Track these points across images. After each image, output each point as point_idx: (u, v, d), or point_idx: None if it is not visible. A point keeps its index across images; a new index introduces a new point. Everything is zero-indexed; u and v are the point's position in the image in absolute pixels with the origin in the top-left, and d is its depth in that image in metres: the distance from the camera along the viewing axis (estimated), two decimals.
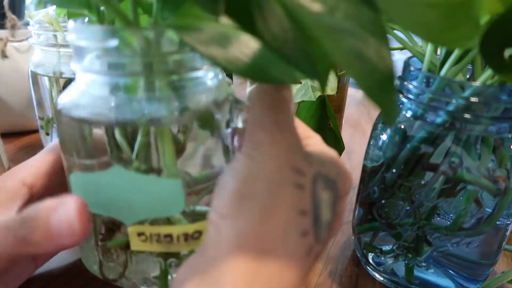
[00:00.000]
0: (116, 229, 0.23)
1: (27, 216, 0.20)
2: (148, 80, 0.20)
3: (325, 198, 0.17)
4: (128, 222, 0.21)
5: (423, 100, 0.25)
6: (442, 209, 0.26)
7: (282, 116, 0.18)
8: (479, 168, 0.24)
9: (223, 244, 0.15)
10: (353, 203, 0.41)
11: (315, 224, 0.17)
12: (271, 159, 0.17)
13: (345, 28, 0.13)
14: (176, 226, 0.21)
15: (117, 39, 0.19)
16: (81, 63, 0.20)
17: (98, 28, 0.19)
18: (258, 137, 0.17)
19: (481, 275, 0.28)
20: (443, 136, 0.25)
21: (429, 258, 0.28)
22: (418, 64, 0.27)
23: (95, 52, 0.19)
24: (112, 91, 0.20)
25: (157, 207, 0.21)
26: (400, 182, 0.26)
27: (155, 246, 0.22)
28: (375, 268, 0.30)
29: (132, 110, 0.20)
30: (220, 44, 0.16)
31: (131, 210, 0.21)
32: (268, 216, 0.16)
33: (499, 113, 0.23)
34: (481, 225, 0.26)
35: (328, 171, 0.18)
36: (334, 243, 0.35)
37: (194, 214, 0.22)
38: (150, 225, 0.21)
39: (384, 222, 0.28)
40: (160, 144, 0.20)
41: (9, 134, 0.51)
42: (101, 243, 0.23)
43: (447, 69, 0.24)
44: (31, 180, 0.24)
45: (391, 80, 0.13)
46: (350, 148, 0.54)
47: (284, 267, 0.15)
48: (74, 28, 0.20)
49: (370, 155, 0.29)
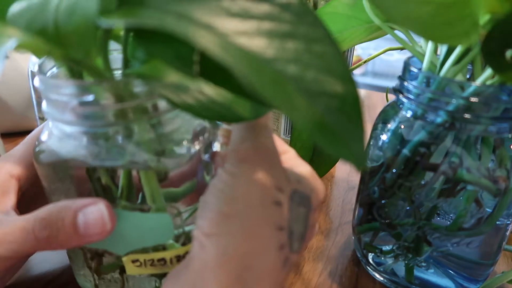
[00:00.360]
0: (104, 253, 0.23)
1: (48, 217, 0.20)
2: (126, 127, 0.20)
3: (300, 213, 0.18)
4: (122, 253, 0.22)
5: (423, 100, 0.25)
6: (442, 209, 0.26)
7: (263, 133, 0.19)
8: (479, 168, 0.24)
9: (207, 260, 0.16)
10: (353, 203, 0.41)
11: (290, 237, 0.18)
12: (253, 177, 0.17)
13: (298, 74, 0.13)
14: (168, 251, 0.22)
15: (92, 94, 0.19)
16: (53, 111, 0.20)
17: (70, 84, 0.19)
18: (241, 154, 0.18)
19: (481, 275, 0.28)
20: (443, 136, 0.25)
21: (429, 258, 0.28)
22: (418, 64, 0.27)
23: (68, 104, 0.19)
24: (89, 139, 0.20)
25: (148, 239, 0.22)
26: (400, 182, 0.26)
27: (150, 269, 0.22)
28: (375, 268, 0.30)
29: (112, 156, 0.20)
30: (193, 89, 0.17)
31: (124, 243, 0.22)
32: (249, 235, 0.16)
33: (499, 113, 0.23)
34: (481, 225, 0.26)
35: (303, 188, 0.19)
36: (334, 243, 0.35)
37: (184, 235, 0.23)
38: (144, 253, 0.22)
39: (384, 222, 0.28)
40: (145, 184, 0.20)
41: (9, 134, 0.51)
42: (95, 266, 0.24)
43: (447, 69, 0.24)
44: (17, 171, 0.24)
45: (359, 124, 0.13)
46: None
47: (263, 279, 0.16)
48: (43, 82, 0.20)
49: (370, 155, 0.29)
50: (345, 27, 0.29)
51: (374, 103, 0.75)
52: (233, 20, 0.13)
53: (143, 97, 0.19)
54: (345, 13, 0.29)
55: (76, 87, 0.19)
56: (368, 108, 0.72)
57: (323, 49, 0.13)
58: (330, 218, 0.39)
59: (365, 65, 2.18)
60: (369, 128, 0.30)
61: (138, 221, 0.21)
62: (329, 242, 0.35)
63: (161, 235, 0.22)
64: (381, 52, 0.38)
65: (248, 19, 0.13)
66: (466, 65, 0.24)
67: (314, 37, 0.13)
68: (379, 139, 0.28)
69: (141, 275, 0.23)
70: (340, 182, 0.46)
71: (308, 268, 0.32)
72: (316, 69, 0.13)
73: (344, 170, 0.49)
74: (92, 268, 0.24)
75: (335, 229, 0.37)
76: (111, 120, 0.19)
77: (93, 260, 0.23)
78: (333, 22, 0.29)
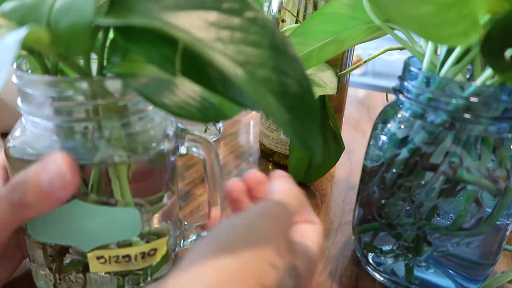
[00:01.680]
0: (66, 251, 0.24)
1: (16, 182, 0.20)
2: (98, 124, 0.21)
3: (287, 284, 0.18)
4: (88, 249, 0.22)
5: (423, 100, 0.25)
6: (442, 209, 0.26)
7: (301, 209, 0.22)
8: (479, 168, 0.24)
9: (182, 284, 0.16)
10: (353, 203, 0.41)
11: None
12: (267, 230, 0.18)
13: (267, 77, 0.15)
14: (134, 247, 0.23)
15: (70, 90, 0.20)
16: (28, 106, 0.21)
17: (47, 78, 0.20)
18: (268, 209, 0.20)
19: (481, 275, 0.28)
20: (443, 136, 0.25)
21: (429, 258, 0.28)
22: (418, 64, 0.27)
23: (44, 99, 0.20)
24: (62, 134, 0.21)
25: (116, 234, 0.22)
26: (400, 182, 0.26)
27: (114, 266, 0.23)
28: (375, 268, 0.30)
29: (84, 153, 0.21)
30: (168, 89, 0.19)
31: (91, 238, 0.22)
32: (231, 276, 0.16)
33: (499, 113, 0.23)
34: (481, 225, 0.26)
35: (300, 263, 0.20)
36: (334, 243, 0.35)
37: (148, 233, 0.24)
38: (109, 249, 0.23)
39: (384, 222, 0.28)
40: (114, 180, 0.21)
41: None
42: (55, 266, 0.24)
43: (447, 69, 0.24)
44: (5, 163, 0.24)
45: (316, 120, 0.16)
46: (350, 148, 0.54)
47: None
48: (19, 75, 0.20)
49: (370, 155, 0.29)
50: (345, 27, 0.29)
51: (374, 103, 0.75)
52: (211, 29, 0.15)
53: (117, 96, 0.20)
54: (345, 13, 0.29)
55: (55, 82, 0.20)
56: (368, 108, 0.72)
57: (284, 56, 0.16)
58: (330, 218, 0.39)
59: (365, 65, 2.18)
60: (369, 128, 0.30)
61: (107, 215, 0.22)
62: (329, 242, 0.35)
63: (129, 230, 0.22)
64: (381, 52, 0.38)
65: (223, 29, 0.15)
66: (466, 65, 0.24)
67: (276, 46, 0.16)
68: (379, 139, 0.28)
69: (105, 274, 0.24)
70: (340, 182, 0.46)
71: None
72: (279, 73, 0.15)
73: (344, 170, 0.49)
74: (53, 268, 0.24)
75: (335, 229, 0.37)
76: (85, 116, 0.20)
77: (55, 259, 0.24)
78: (333, 22, 0.29)
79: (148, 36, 0.16)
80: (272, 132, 0.47)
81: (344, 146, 0.41)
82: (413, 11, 0.18)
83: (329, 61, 0.38)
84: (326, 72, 0.39)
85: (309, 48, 0.30)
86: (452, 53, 0.24)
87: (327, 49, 0.31)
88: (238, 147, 0.54)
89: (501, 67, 0.21)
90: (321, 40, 0.30)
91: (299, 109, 0.15)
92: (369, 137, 0.29)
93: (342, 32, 0.30)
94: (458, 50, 0.23)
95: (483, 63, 0.24)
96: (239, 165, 0.49)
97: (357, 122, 0.65)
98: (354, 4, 0.28)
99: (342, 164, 0.50)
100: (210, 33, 0.15)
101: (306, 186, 0.44)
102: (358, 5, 0.28)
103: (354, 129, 0.62)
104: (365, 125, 0.64)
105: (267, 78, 0.15)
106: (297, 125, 0.15)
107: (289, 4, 0.41)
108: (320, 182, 0.46)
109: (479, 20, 0.20)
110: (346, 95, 0.47)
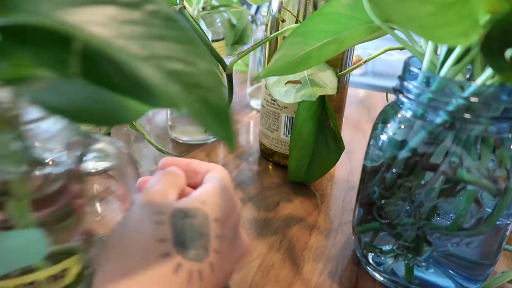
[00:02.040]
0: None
1: None
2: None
3: (186, 224, 0.21)
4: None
5: (423, 100, 0.25)
6: (442, 209, 0.26)
7: None
8: (479, 168, 0.24)
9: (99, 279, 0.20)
10: (353, 203, 0.41)
11: (179, 246, 0.21)
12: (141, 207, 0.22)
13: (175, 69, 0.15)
14: (40, 272, 0.21)
15: None
16: None
17: None
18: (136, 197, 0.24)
19: (481, 275, 0.28)
20: (443, 136, 0.25)
21: (429, 258, 0.28)
22: (418, 64, 0.27)
23: None
24: None
25: (18, 259, 0.20)
26: (400, 182, 0.26)
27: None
28: (375, 268, 0.30)
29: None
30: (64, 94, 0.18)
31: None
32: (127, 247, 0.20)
33: (499, 113, 0.23)
34: (481, 225, 0.26)
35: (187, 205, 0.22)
36: (334, 243, 0.35)
37: (56, 253, 0.22)
38: (10, 278, 0.20)
39: (384, 222, 0.28)
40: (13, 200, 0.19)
41: None
42: None
43: (447, 69, 0.24)
44: None
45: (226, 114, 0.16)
46: (350, 148, 0.54)
47: (146, 281, 0.19)
48: None
49: (370, 155, 0.29)
50: (345, 27, 0.29)
51: (374, 103, 0.75)
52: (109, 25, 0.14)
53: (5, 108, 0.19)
54: (345, 13, 0.29)
55: None
56: (368, 108, 0.72)
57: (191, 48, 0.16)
58: (330, 218, 0.39)
59: (365, 65, 2.18)
60: (369, 128, 0.30)
61: (7, 241, 0.20)
62: (329, 242, 0.35)
63: (33, 254, 0.20)
64: (381, 52, 0.38)
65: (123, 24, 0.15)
66: (466, 65, 0.24)
67: (182, 39, 0.15)
68: (379, 139, 0.28)
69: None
70: (340, 182, 0.46)
71: (308, 268, 0.32)
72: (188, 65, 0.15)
73: (344, 170, 0.49)
74: None
75: (335, 229, 0.37)
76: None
77: None
78: (333, 22, 0.29)
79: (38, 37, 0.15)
80: (272, 132, 0.47)
81: (344, 146, 0.41)
82: (413, 11, 0.18)
83: (329, 61, 0.38)
84: (326, 72, 0.39)
85: (309, 48, 0.30)
86: (452, 53, 0.24)
87: (327, 49, 0.31)
88: (238, 147, 0.54)
89: (501, 67, 0.21)
90: (321, 40, 0.30)
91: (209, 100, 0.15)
92: (369, 137, 0.29)
93: (342, 32, 0.30)
94: (458, 50, 0.23)
95: (483, 63, 0.24)
96: (239, 165, 0.49)
97: (357, 122, 0.65)
98: (354, 4, 0.28)
99: (342, 164, 0.50)
100: (109, 29, 0.14)
101: (306, 186, 0.44)
102: (358, 5, 0.28)
103: (354, 129, 0.62)
104: (365, 125, 0.64)
105: (175, 71, 0.15)
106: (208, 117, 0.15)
107: (289, 4, 0.41)
108: (320, 182, 0.46)
109: (479, 20, 0.20)
110: (346, 95, 0.47)
